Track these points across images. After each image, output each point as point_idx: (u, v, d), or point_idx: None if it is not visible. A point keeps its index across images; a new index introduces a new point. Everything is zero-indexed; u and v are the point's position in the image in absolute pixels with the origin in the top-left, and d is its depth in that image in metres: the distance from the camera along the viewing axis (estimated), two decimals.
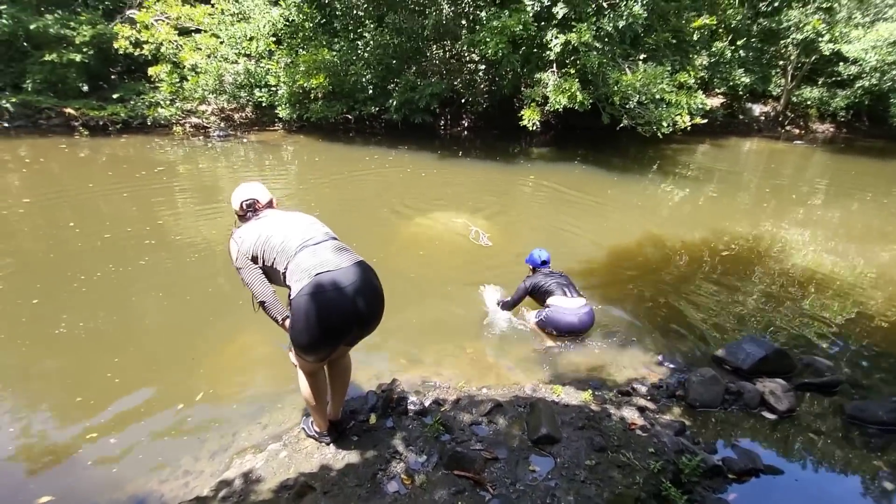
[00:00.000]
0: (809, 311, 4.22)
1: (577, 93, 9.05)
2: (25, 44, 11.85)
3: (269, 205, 2.26)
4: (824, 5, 13.40)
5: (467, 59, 11.91)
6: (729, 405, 2.91)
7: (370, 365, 3.24)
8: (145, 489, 2.31)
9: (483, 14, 10.10)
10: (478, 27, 9.89)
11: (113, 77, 13.13)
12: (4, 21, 11.21)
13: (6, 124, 11.61)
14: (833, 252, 5.67)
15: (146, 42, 11.63)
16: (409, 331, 3.69)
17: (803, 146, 13.90)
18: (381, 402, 2.62)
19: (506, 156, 10.87)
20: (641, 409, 2.72)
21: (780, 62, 14.92)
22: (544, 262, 4.00)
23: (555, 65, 9.78)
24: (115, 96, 12.28)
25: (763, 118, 15.78)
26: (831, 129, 15.86)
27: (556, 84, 9.37)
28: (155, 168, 8.45)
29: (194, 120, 12.68)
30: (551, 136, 13.44)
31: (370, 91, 11.76)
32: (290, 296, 1.93)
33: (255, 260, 2.05)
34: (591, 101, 9.45)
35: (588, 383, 3.02)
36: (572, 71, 9.55)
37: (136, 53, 11.83)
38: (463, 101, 12.61)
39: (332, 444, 2.38)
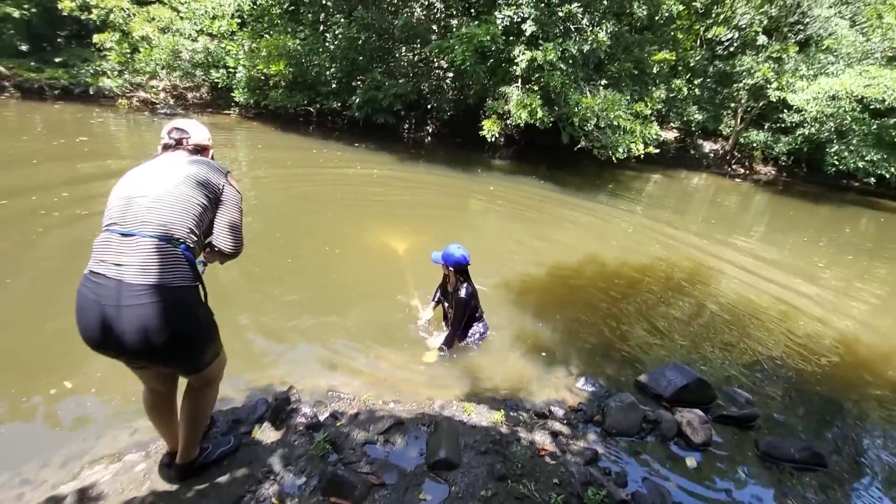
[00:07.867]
0: (737, 344, 4.25)
1: (538, 109, 9.14)
2: None
3: (199, 150, 1.82)
4: (774, 55, 14.28)
5: (436, 65, 11.80)
6: (646, 434, 2.81)
7: (274, 369, 2.94)
8: None
9: (454, 22, 10.06)
10: (447, 34, 9.81)
11: (59, 41, 12.17)
12: None
13: None
14: (766, 288, 5.73)
15: (95, 6, 10.84)
16: (328, 335, 3.41)
17: (747, 185, 14.65)
18: (269, 413, 2.34)
19: (467, 164, 10.78)
20: (555, 434, 2.57)
21: (732, 104, 15.73)
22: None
23: (520, 80, 9.84)
24: (57, 60, 11.38)
25: (712, 155, 16.55)
26: (773, 172, 16.83)
27: (518, 99, 9.40)
28: (78, 137, 7.77)
29: (143, 94, 11.90)
30: (514, 150, 13.51)
31: (333, 85, 11.42)
32: None
33: None
34: (551, 119, 9.55)
35: (504, 403, 2.84)
36: (536, 88, 9.63)
37: (83, 17, 11.02)
38: (429, 106, 12.46)
39: None
